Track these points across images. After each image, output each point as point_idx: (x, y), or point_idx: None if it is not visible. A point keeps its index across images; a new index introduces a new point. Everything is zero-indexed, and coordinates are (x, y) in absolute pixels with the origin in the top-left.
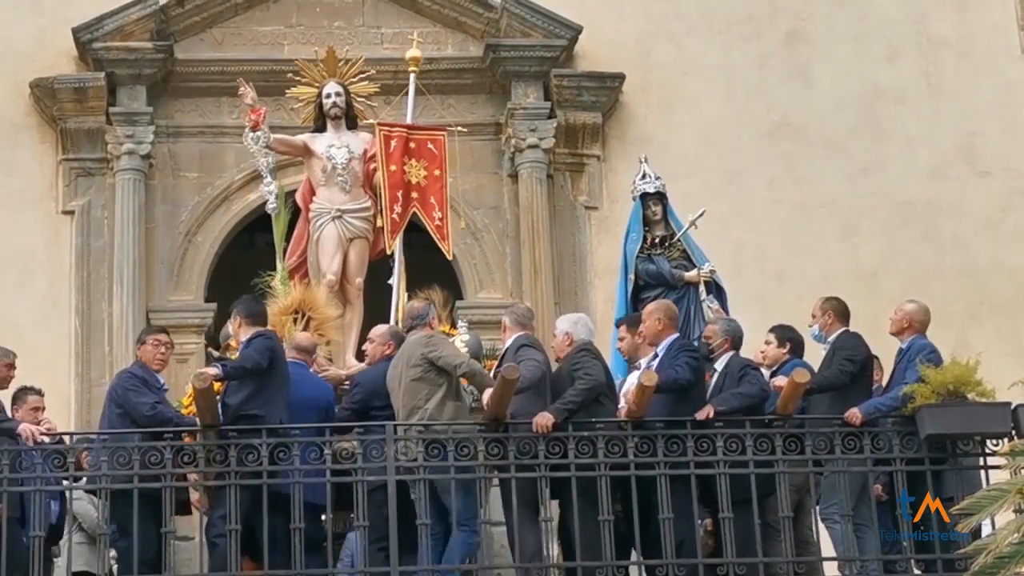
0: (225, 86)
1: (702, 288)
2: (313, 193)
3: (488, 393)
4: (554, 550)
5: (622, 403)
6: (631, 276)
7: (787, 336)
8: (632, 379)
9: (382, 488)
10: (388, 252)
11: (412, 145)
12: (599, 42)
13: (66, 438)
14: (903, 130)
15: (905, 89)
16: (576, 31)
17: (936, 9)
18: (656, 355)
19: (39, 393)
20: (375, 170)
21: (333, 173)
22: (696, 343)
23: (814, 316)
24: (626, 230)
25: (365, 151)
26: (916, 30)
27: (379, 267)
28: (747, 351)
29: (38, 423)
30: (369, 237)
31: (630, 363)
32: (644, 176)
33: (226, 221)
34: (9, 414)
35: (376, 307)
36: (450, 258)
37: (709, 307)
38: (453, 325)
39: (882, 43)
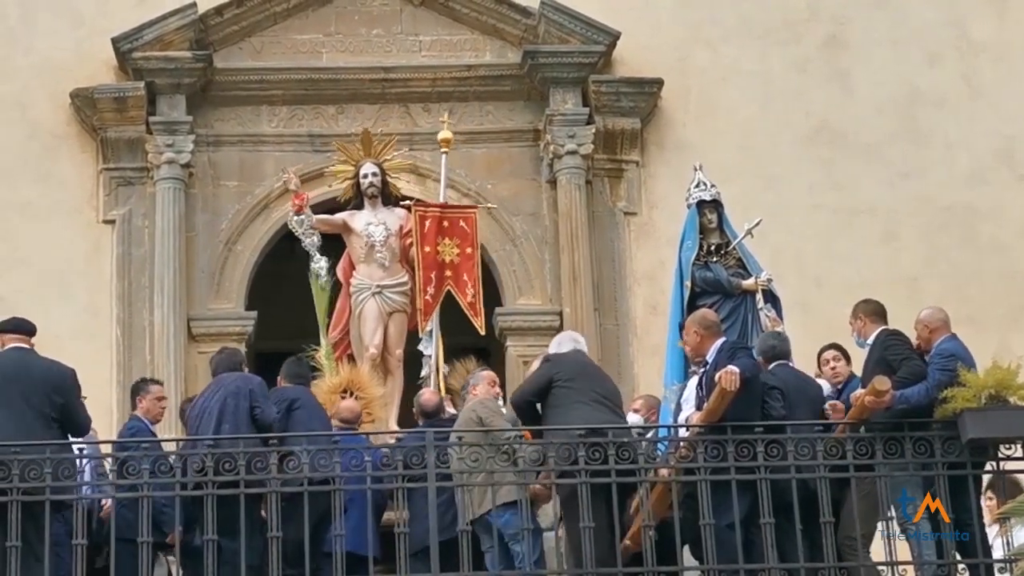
0: (264, 95)
1: (759, 296)
2: (353, 268)
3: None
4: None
5: (685, 412)
6: (687, 283)
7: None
8: (693, 383)
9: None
10: (421, 334)
11: (445, 224)
12: (637, 48)
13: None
14: (942, 134)
15: (944, 93)
16: (614, 37)
17: (975, 13)
18: (706, 363)
19: (160, 383)
20: (411, 245)
21: (372, 250)
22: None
23: (851, 324)
24: (681, 237)
25: (401, 227)
26: (955, 34)
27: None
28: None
29: (162, 412)
30: (407, 310)
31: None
32: (699, 184)
33: (266, 230)
34: (133, 408)
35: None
36: (482, 333)
37: (767, 315)
38: None
39: (921, 47)
